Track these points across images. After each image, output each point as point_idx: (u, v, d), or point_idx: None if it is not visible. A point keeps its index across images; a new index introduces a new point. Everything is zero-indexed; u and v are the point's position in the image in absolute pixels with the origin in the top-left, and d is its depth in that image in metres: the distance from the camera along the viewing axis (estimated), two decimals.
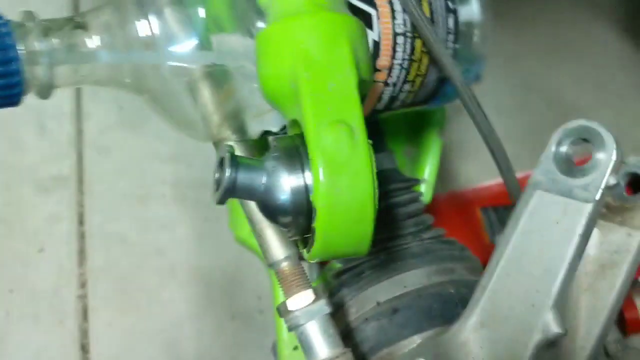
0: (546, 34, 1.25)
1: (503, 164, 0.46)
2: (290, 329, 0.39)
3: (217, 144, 0.45)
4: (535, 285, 0.38)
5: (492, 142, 0.45)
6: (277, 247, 0.39)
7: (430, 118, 0.57)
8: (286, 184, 0.32)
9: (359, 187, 0.30)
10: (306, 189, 0.31)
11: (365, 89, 0.35)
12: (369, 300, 0.45)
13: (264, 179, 0.33)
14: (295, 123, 0.34)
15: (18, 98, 0.36)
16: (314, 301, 0.38)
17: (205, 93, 0.40)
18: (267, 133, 0.43)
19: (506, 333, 0.39)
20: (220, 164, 0.34)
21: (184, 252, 1.00)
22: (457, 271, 0.46)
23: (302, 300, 0.38)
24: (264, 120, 0.42)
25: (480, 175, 1.04)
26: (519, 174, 0.91)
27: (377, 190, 0.31)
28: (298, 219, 0.32)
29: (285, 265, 0.39)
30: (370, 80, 0.37)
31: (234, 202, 0.57)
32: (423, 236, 0.48)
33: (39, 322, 0.95)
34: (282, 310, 0.39)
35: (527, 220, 0.39)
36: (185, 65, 0.39)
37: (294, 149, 0.33)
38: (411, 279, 0.44)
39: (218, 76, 0.40)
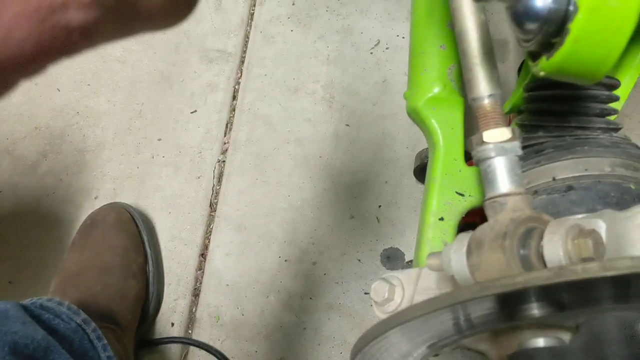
0: None
1: None
2: (477, 161, 0.40)
3: None
4: None
5: None
6: (485, 82, 0.41)
7: None
8: None
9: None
10: None
11: None
12: (544, 174, 0.46)
13: None
14: None
15: None
16: (509, 140, 0.39)
17: None
18: None
19: None
20: None
21: (321, 147, 1.04)
22: None
23: (498, 135, 0.39)
24: None
25: None
26: None
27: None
28: (550, 23, 0.32)
29: (488, 101, 0.40)
30: None
31: (418, 68, 0.59)
32: (612, 134, 0.48)
33: (179, 172, 1.03)
34: (476, 142, 0.40)
35: None
36: None
37: None
38: (594, 164, 0.45)
39: None
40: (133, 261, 0.92)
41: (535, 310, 0.34)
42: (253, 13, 1.17)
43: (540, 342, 0.35)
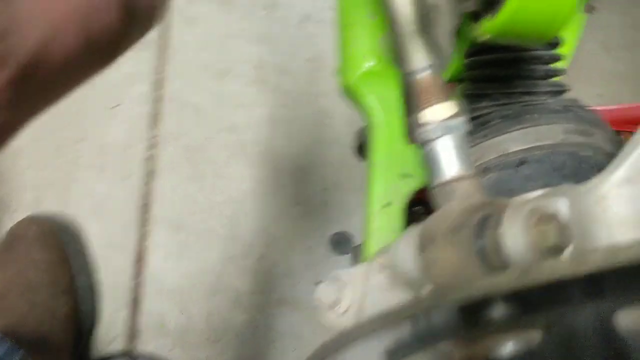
0: None
1: None
2: (419, 142, 0.35)
3: None
4: None
5: None
6: (421, 53, 0.36)
7: None
8: None
9: None
10: None
11: None
12: (493, 149, 0.41)
13: None
14: None
15: None
16: (455, 115, 0.34)
17: None
18: None
19: None
20: None
21: (257, 133, 0.98)
22: (596, 136, 0.41)
23: (441, 112, 0.34)
24: None
25: None
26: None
27: None
28: None
29: (427, 74, 0.35)
30: None
31: (348, 42, 0.53)
32: (561, 98, 0.44)
33: (105, 174, 0.95)
34: (416, 122, 0.35)
35: None
36: None
37: None
38: (546, 133, 0.40)
39: None
40: (61, 276, 0.84)
41: (498, 314, 0.29)
42: None
43: (508, 346, 0.31)
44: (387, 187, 0.52)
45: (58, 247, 0.86)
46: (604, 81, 1.00)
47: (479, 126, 0.43)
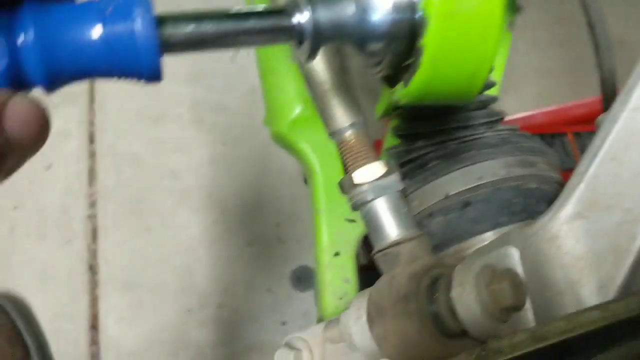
0: None
1: (602, 39, 0.39)
2: (354, 207, 0.33)
3: None
4: None
5: (593, 9, 0.39)
6: (343, 112, 0.33)
7: None
8: None
9: None
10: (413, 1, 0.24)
11: None
12: (435, 192, 0.39)
13: (352, 6, 0.26)
14: None
15: None
16: (385, 174, 0.32)
17: None
18: None
19: (609, 225, 0.34)
20: (294, 6, 0.27)
21: (200, 175, 0.94)
22: (539, 165, 0.40)
23: (370, 172, 0.32)
24: None
25: (515, 109, 0.99)
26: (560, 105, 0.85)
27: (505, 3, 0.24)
28: (397, 40, 0.25)
29: (351, 133, 0.33)
30: None
31: (272, 89, 0.51)
32: (497, 127, 0.42)
33: (46, 240, 0.90)
34: (347, 185, 0.33)
35: None
36: None
37: None
38: (487, 170, 0.38)
39: None
40: (10, 357, 0.79)
41: None
42: None
43: None
44: (333, 235, 0.49)
45: (4, 325, 0.81)
46: (540, 79, 1.00)
47: (417, 168, 0.41)
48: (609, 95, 0.42)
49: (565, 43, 1.05)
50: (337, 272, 0.48)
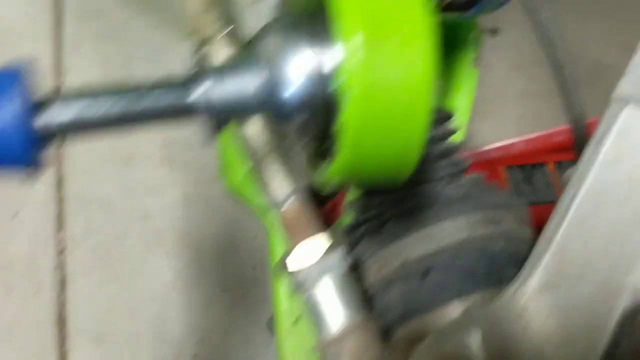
0: None
1: (570, 82, 0.36)
2: (293, 290, 0.29)
3: (200, 44, 0.34)
4: (622, 233, 0.29)
5: (557, 49, 0.35)
6: (280, 180, 0.30)
7: (463, 40, 0.47)
8: (296, 67, 0.21)
9: (410, 60, 0.20)
10: (330, 72, 0.21)
11: None
12: (393, 258, 0.35)
13: (257, 80, 0.23)
14: None
15: None
16: (328, 251, 0.29)
17: None
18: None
19: (580, 298, 0.30)
20: (194, 78, 0.24)
21: (172, 217, 0.90)
22: (506, 222, 0.36)
23: (311, 249, 0.29)
24: (264, 10, 0.31)
25: (496, 135, 0.95)
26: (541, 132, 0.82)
27: (436, 72, 0.21)
28: (319, 119, 0.21)
29: (290, 203, 0.29)
30: None
31: (223, 141, 0.47)
32: (460, 179, 0.38)
33: (13, 292, 0.86)
34: (284, 265, 0.29)
35: (612, 147, 0.29)
36: None
37: (307, 16, 0.22)
38: (448, 231, 0.35)
39: None
40: None
41: None
42: (61, 84, 1.01)
43: None
44: (292, 299, 0.45)
45: None
46: (521, 102, 0.97)
47: (376, 229, 0.37)
48: (579, 140, 0.38)
49: (545, 64, 1.01)
50: (297, 341, 0.44)
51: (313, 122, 0.22)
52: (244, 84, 0.23)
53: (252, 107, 0.23)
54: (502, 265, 0.35)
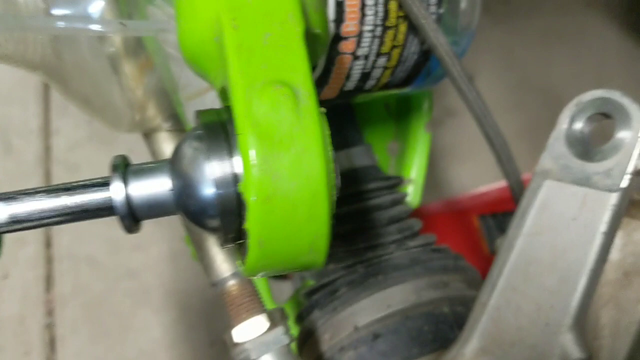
0: (543, 29, 1.17)
1: (502, 153, 0.38)
2: None
3: (147, 136, 0.36)
4: (549, 299, 0.30)
5: (486, 123, 0.37)
6: (221, 262, 0.31)
7: (415, 106, 0.48)
8: (207, 175, 0.23)
9: (306, 170, 0.21)
10: (235, 179, 0.23)
11: (317, 46, 0.27)
12: (345, 324, 0.36)
13: (169, 183, 0.25)
14: (225, 93, 0.26)
15: None
16: (269, 329, 0.30)
17: (128, 68, 0.32)
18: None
19: None
20: (111, 180, 0.26)
21: (159, 274, 0.91)
22: (452, 285, 0.37)
23: (253, 328, 0.30)
24: (206, 102, 0.34)
25: (474, 181, 0.96)
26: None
27: (333, 175, 0.23)
28: (228, 221, 0.23)
29: (232, 284, 0.31)
30: (324, 34, 0.28)
31: None
32: (409, 244, 0.39)
33: (3, 353, 0.87)
34: (229, 342, 0.30)
35: (535, 218, 0.30)
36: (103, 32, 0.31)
37: (218, 127, 0.24)
38: (396, 297, 0.36)
39: (141, 49, 0.32)
40: None
41: None
42: (49, 145, 1.04)
43: None
44: None
45: None
46: None
47: (327, 296, 0.38)
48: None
49: (521, 107, 1.04)
50: None
51: (227, 222, 0.23)
52: (157, 187, 0.25)
53: (166, 207, 0.25)
54: (448, 328, 0.36)
